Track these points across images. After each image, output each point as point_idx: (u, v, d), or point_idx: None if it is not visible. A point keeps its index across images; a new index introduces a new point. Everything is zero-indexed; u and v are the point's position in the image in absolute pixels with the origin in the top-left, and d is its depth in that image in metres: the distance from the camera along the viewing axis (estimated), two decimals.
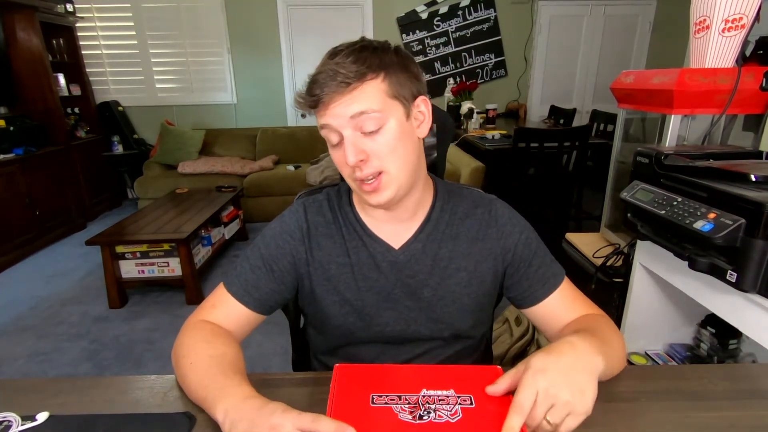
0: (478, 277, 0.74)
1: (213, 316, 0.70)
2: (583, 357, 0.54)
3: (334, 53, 0.63)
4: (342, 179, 0.75)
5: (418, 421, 0.49)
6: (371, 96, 0.62)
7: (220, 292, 0.73)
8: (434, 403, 0.52)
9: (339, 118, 0.62)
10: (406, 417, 0.50)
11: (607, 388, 0.63)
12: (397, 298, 0.73)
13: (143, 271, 2.43)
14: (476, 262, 0.74)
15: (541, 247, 0.77)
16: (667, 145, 1.23)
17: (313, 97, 0.62)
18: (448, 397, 0.53)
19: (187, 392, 0.60)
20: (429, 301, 0.73)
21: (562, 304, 0.74)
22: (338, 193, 0.78)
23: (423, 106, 0.68)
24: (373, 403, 0.52)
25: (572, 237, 1.72)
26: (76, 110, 3.96)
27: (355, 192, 0.71)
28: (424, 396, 0.53)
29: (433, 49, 4.49)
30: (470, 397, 0.53)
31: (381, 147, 0.63)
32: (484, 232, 0.75)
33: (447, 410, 0.51)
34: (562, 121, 3.81)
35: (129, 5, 4.12)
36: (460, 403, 0.52)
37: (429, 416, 0.50)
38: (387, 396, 0.53)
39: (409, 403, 0.52)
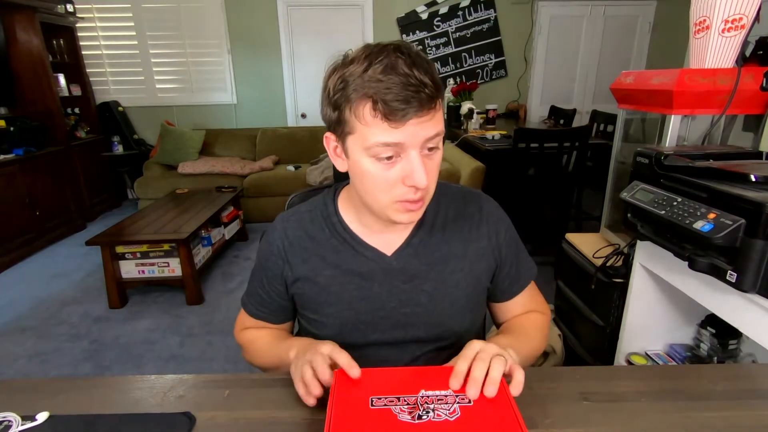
0: (474, 277, 0.74)
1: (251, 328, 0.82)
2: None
3: (400, 59, 0.55)
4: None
5: (417, 421, 0.49)
6: (441, 116, 0.60)
7: (242, 314, 0.83)
8: (433, 402, 0.52)
9: (415, 138, 0.57)
10: (405, 417, 0.50)
11: (607, 388, 0.64)
12: (393, 306, 0.71)
13: (143, 272, 2.43)
14: (471, 263, 0.73)
15: (520, 244, 0.80)
16: (667, 145, 1.23)
17: (394, 109, 0.54)
18: (446, 396, 0.53)
19: (261, 367, 0.77)
20: (426, 306, 0.71)
21: (522, 301, 0.80)
22: (324, 203, 0.76)
23: None
24: (372, 405, 0.52)
25: (572, 237, 1.72)
26: (77, 110, 3.97)
27: (377, 211, 0.65)
28: (422, 396, 0.53)
29: (433, 49, 4.49)
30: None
31: (435, 168, 0.62)
32: (476, 231, 0.74)
33: (446, 409, 0.51)
34: (562, 122, 3.81)
35: (129, 5, 4.12)
36: (458, 402, 0.52)
37: (428, 416, 0.50)
38: (386, 398, 0.53)
39: (408, 404, 0.52)
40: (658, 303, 1.32)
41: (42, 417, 0.57)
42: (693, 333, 1.37)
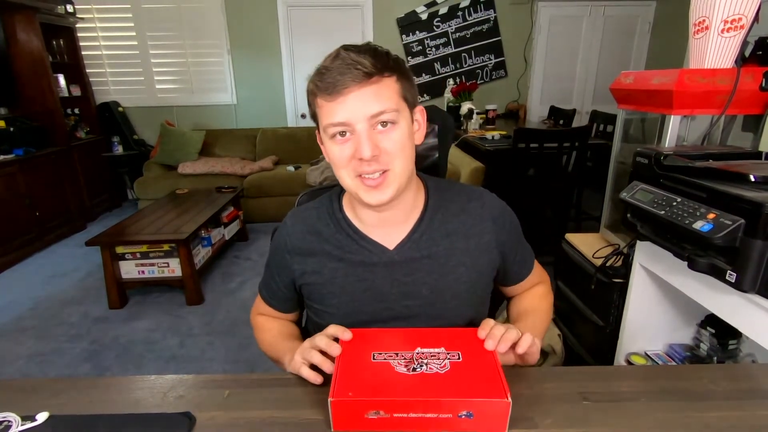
0: (476, 271, 0.76)
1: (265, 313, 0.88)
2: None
3: (343, 50, 0.64)
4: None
5: (412, 373, 0.57)
6: (389, 93, 0.64)
7: (258, 299, 0.89)
8: (427, 358, 0.59)
9: (357, 114, 0.62)
10: (401, 369, 0.57)
11: (607, 388, 0.64)
12: (395, 299, 0.74)
13: (143, 272, 2.43)
14: (474, 257, 0.75)
15: (521, 232, 0.84)
16: (666, 145, 1.23)
17: (330, 84, 0.61)
18: (439, 353, 0.60)
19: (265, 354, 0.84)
20: (428, 299, 0.74)
21: (529, 278, 0.87)
22: (330, 199, 0.79)
23: (419, 114, 0.72)
24: (373, 359, 0.59)
25: (572, 237, 1.72)
26: (76, 111, 3.96)
27: (352, 194, 0.70)
28: (418, 353, 0.60)
29: (433, 49, 4.49)
30: (458, 353, 0.60)
31: (393, 145, 0.65)
32: (480, 226, 0.76)
33: (437, 363, 0.58)
34: (561, 122, 3.81)
35: (129, 6, 4.12)
36: (449, 358, 0.59)
37: (421, 368, 0.57)
38: (386, 353, 0.60)
39: (404, 359, 0.59)
40: (658, 303, 1.32)
41: (42, 417, 0.58)
42: (693, 333, 1.37)
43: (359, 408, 0.53)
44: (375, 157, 0.63)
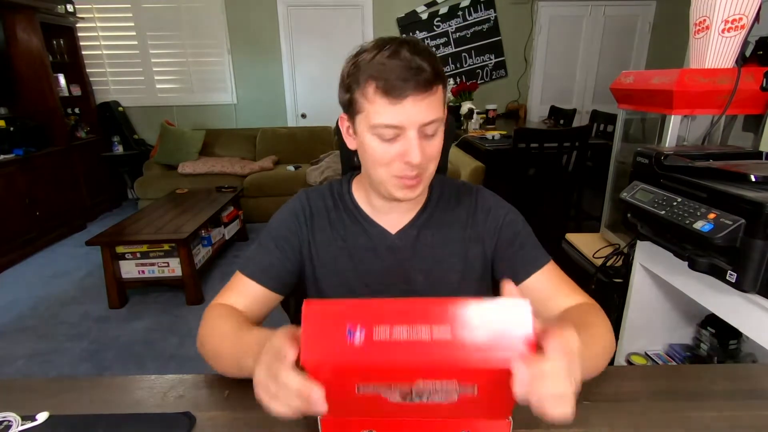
0: (468, 263, 0.78)
1: (230, 300, 0.74)
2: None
3: (402, 47, 0.61)
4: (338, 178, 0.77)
5: (408, 402, 0.44)
6: (438, 103, 0.65)
7: (235, 278, 0.76)
8: (428, 392, 0.44)
9: (413, 120, 0.62)
10: (396, 399, 0.44)
11: (607, 388, 0.64)
12: (393, 282, 0.76)
13: (143, 272, 2.43)
14: (466, 248, 0.78)
15: (526, 231, 0.79)
16: (667, 145, 1.23)
17: (392, 87, 0.60)
18: (447, 389, 0.43)
19: (221, 369, 0.65)
20: (422, 285, 0.76)
21: (546, 286, 0.73)
22: (339, 183, 0.82)
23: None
24: (358, 391, 0.44)
25: (572, 237, 1.72)
26: (77, 110, 3.96)
27: (378, 186, 0.70)
28: (418, 387, 0.43)
29: (433, 49, 4.47)
30: (475, 387, 0.43)
31: (433, 151, 0.67)
32: (472, 217, 0.79)
33: (442, 395, 0.44)
34: (562, 122, 3.81)
35: (129, 5, 4.12)
36: (459, 391, 0.43)
37: (420, 399, 0.44)
38: (373, 386, 0.44)
39: (400, 391, 0.44)
40: (658, 303, 1.32)
41: (42, 417, 0.57)
42: (693, 333, 1.37)
43: (351, 427, 0.50)
44: (420, 163, 0.65)
